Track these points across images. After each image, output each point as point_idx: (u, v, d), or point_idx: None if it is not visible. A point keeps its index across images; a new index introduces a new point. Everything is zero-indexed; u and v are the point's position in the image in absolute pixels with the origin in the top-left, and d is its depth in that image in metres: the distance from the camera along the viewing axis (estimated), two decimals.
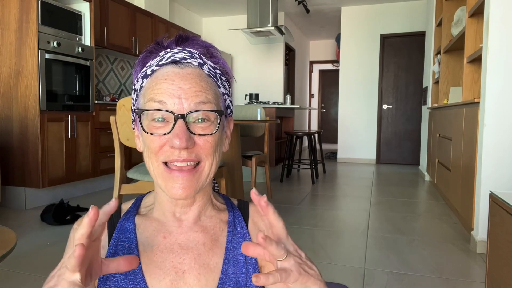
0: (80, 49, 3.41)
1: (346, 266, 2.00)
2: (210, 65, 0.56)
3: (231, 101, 0.61)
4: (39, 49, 3.04)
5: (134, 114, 0.59)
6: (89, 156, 3.56)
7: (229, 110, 0.61)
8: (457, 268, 1.99)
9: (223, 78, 0.58)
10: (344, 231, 2.60)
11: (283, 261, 0.45)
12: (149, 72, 0.55)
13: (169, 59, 0.54)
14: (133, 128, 0.61)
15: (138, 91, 0.57)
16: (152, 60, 0.57)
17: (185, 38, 0.58)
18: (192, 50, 0.56)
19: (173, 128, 0.51)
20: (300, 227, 2.66)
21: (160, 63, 0.55)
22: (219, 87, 0.57)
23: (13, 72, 3.10)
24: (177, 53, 0.55)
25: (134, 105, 0.58)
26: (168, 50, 0.57)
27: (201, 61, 0.55)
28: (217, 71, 0.57)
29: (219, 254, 0.58)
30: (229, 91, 0.60)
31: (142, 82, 0.56)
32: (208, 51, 0.58)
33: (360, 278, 1.86)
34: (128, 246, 0.56)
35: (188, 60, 0.55)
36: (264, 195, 0.45)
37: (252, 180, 3.24)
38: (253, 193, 0.45)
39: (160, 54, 0.57)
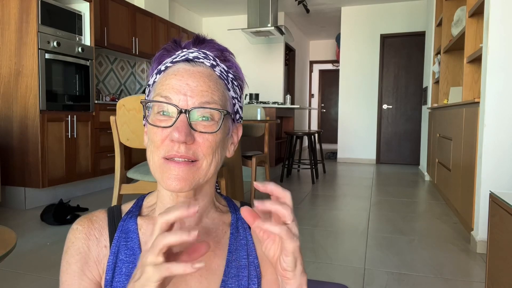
0: (80, 49, 3.41)
1: (346, 266, 2.00)
2: (223, 68, 0.57)
3: (241, 107, 0.60)
4: (39, 49, 3.04)
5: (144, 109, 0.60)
6: (89, 156, 3.56)
7: (238, 116, 0.60)
8: (457, 268, 1.99)
9: (235, 83, 0.58)
10: (344, 231, 2.60)
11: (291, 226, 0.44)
12: (163, 68, 0.56)
13: (183, 57, 0.55)
14: (144, 124, 0.61)
15: (151, 86, 0.58)
16: (168, 58, 0.58)
17: (202, 40, 0.59)
18: (207, 52, 0.57)
19: (175, 122, 0.51)
20: (300, 227, 2.64)
21: (174, 60, 0.56)
22: (229, 90, 0.57)
23: (13, 72, 3.10)
24: (191, 52, 0.56)
25: (142, 100, 0.59)
26: (184, 50, 0.57)
27: (214, 63, 0.56)
28: (230, 75, 0.57)
29: (221, 257, 0.58)
30: (239, 97, 0.60)
31: (156, 78, 0.57)
32: (223, 54, 0.58)
33: (360, 278, 1.86)
34: (131, 246, 0.56)
35: (201, 60, 0.55)
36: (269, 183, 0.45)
37: (252, 180, 3.23)
38: (257, 185, 0.45)
39: (176, 53, 0.57)
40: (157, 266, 0.40)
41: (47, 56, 3.10)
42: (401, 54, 6.15)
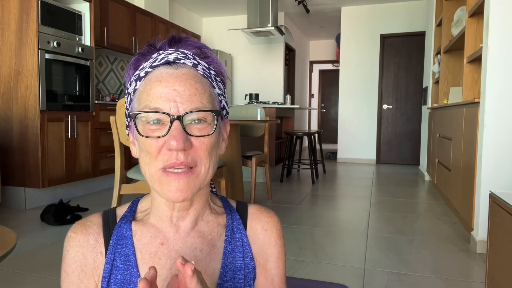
0: (80, 49, 3.41)
1: (346, 266, 2.00)
2: (204, 66, 0.55)
3: (226, 102, 0.60)
4: (39, 49, 3.04)
5: (129, 119, 0.58)
6: (89, 156, 3.56)
7: (224, 112, 0.59)
8: (457, 268, 1.99)
9: (218, 79, 0.57)
10: (344, 231, 2.60)
11: None
12: (142, 74, 0.54)
13: (163, 60, 0.53)
14: (128, 134, 0.59)
15: (132, 94, 0.55)
16: (145, 62, 0.55)
17: (178, 39, 0.57)
18: (185, 51, 0.55)
19: (170, 130, 0.49)
20: (300, 227, 2.66)
21: (153, 64, 0.53)
22: (214, 88, 0.56)
23: (13, 72, 3.10)
24: (170, 54, 0.54)
25: (128, 109, 0.57)
26: (161, 52, 0.55)
27: (195, 62, 0.54)
28: (212, 71, 0.56)
29: (217, 260, 0.58)
30: (224, 92, 0.59)
31: (136, 85, 0.54)
32: (202, 51, 0.57)
33: (360, 278, 1.86)
34: (126, 253, 0.55)
35: (182, 61, 0.53)
36: (192, 262, 0.43)
37: (252, 180, 3.23)
38: (178, 262, 0.43)
39: (153, 56, 0.55)
40: None
41: (47, 56, 3.10)
42: (401, 54, 6.15)
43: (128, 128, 0.59)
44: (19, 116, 3.11)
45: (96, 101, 3.65)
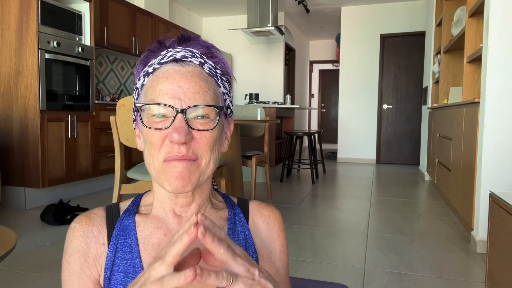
0: (80, 49, 3.41)
1: (346, 266, 2.00)
2: (211, 65, 0.57)
3: (231, 102, 0.61)
4: (39, 49, 3.04)
5: (135, 113, 0.60)
6: (89, 156, 3.56)
7: (229, 111, 0.61)
8: (457, 268, 1.99)
9: (224, 79, 0.59)
10: (344, 231, 2.60)
11: (230, 287, 0.42)
12: (150, 70, 0.56)
13: (171, 57, 0.55)
14: (134, 128, 0.61)
15: (140, 89, 0.57)
16: (154, 59, 0.57)
17: (187, 38, 0.58)
18: (193, 50, 0.57)
19: (173, 122, 0.51)
20: (300, 227, 2.66)
21: (161, 61, 0.55)
22: (219, 87, 0.57)
23: (13, 72, 3.10)
24: (178, 52, 0.56)
25: (135, 103, 0.59)
26: (170, 49, 0.57)
27: (202, 60, 0.56)
28: (218, 71, 0.58)
29: None
30: (229, 92, 0.60)
31: (144, 80, 0.57)
32: (209, 51, 0.58)
33: (360, 278, 1.86)
34: (128, 244, 0.56)
35: (189, 59, 0.55)
36: (201, 226, 0.40)
37: (252, 180, 3.23)
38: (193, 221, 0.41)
39: (162, 53, 0.57)
40: (171, 276, 0.40)
41: (47, 56, 3.10)
42: (401, 54, 6.15)
43: (134, 122, 0.61)
44: (19, 116, 3.11)
45: (96, 101, 3.65)
